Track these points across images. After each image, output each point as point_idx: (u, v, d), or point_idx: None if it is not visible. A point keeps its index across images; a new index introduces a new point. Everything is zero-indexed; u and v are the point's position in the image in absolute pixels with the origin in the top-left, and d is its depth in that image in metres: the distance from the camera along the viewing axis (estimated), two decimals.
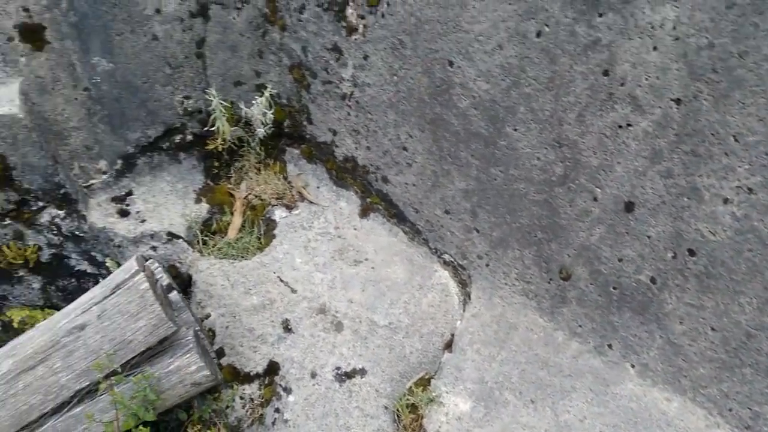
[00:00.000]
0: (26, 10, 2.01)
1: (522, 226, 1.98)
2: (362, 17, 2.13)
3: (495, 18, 1.81)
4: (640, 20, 1.55)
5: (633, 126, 1.66)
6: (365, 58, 2.20)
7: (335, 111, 2.41)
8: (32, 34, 2.05)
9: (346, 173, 2.51)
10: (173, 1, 2.21)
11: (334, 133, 2.47)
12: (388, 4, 2.04)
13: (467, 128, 2.01)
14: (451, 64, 1.97)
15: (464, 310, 2.10)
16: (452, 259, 2.22)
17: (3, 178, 2.08)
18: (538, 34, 1.75)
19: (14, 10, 1.99)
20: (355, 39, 2.19)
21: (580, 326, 1.94)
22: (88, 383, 1.66)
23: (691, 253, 1.65)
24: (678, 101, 1.56)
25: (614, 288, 1.84)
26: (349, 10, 2.15)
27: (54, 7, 2.04)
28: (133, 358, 1.69)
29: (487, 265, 2.11)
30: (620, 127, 1.68)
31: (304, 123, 2.55)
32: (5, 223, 2.17)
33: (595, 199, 1.80)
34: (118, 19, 2.16)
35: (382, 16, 2.08)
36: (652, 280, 1.75)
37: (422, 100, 2.10)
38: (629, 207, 1.74)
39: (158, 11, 2.21)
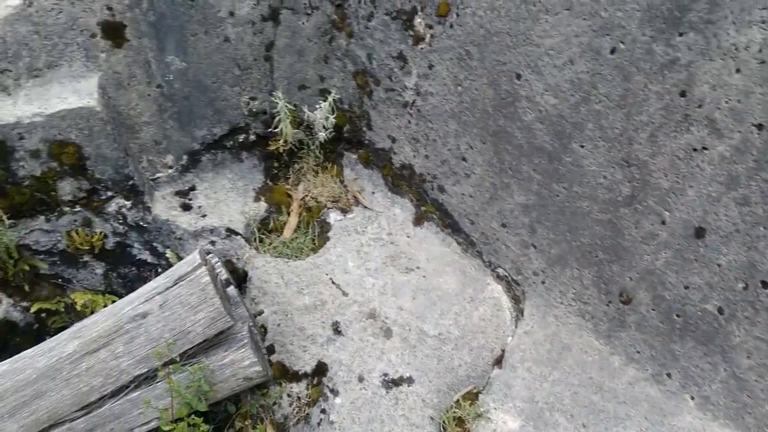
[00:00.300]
0: (110, 8, 2.11)
1: (582, 245, 1.94)
2: (430, 27, 2.14)
3: (568, 33, 1.79)
4: (723, 41, 1.50)
5: (709, 149, 1.60)
6: (430, 67, 2.20)
7: (396, 118, 2.42)
8: (113, 32, 2.15)
9: (401, 180, 2.52)
10: (247, 4, 2.28)
11: (393, 140, 2.48)
12: (458, 15, 2.04)
13: (531, 142, 1.99)
14: (518, 77, 1.95)
15: (516, 327, 2.07)
16: (506, 274, 2.19)
17: (77, 167, 2.18)
18: (613, 51, 1.71)
19: (99, 8, 2.09)
20: (421, 48, 2.20)
21: (638, 352, 1.88)
22: (146, 370, 1.71)
23: (765, 285, 1.58)
24: (760, 126, 1.50)
25: (678, 315, 1.77)
26: (418, 20, 2.16)
27: (135, 7, 2.14)
28: (190, 348, 1.74)
29: (543, 283, 2.07)
30: (695, 150, 1.62)
31: (364, 129, 2.57)
32: (76, 210, 2.27)
33: (663, 223, 1.74)
34: (193, 20, 2.24)
35: (451, 26, 2.08)
36: (720, 311, 1.68)
37: (486, 111, 2.09)
38: (699, 233, 1.67)
39: (232, 14, 2.28)
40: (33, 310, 2.35)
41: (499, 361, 2.00)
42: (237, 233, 2.41)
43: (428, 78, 2.22)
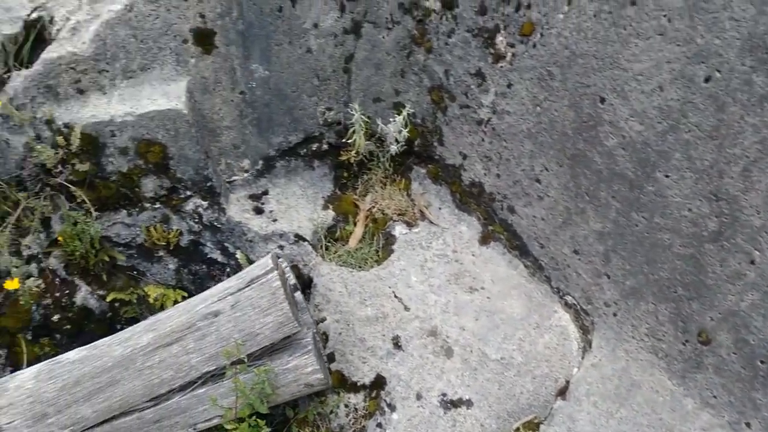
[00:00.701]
0: (202, 16, 2.20)
1: (661, 279, 1.86)
2: (512, 45, 2.12)
3: (659, 58, 1.72)
4: None
5: None
6: (509, 86, 2.18)
7: (469, 135, 2.41)
8: (204, 38, 2.24)
9: (470, 198, 2.50)
10: (331, 17, 2.33)
11: (464, 157, 2.47)
12: (542, 35, 2.01)
13: (611, 168, 1.92)
14: (602, 100, 1.90)
15: (583, 358, 2.00)
16: (575, 302, 2.13)
17: (161, 166, 2.29)
18: (707, 80, 1.64)
19: (192, 15, 2.19)
20: (501, 66, 2.18)
21: (714, 397, 1.77)
22: (214, 368, 1.76)
23: None
24: None
25: (762, 362, 1.66)
26: (499, 38, 2.15)
27: (226, 15, 2.23)
28: (257, 350, 1.78)
29: (615, 315, 2.00)
30: None
31: (435, 144, 2.57)
32: (156, 206, 2.37)
33: (752, 263, 1.64)
34: (279, 30, 2.31)
35: (534, 46, 2.05)
36: None
37: (565, 133, 2.04)
38: None
39: (316, 26, 2.33)
40: (108, 299, 2.47)
41: (563, 392, 1.93)
42: (305, 239, 2.45)
43: (506, 96, 2.20)
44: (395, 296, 2.24)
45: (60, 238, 2.27)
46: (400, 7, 2.37)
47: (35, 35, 2.17)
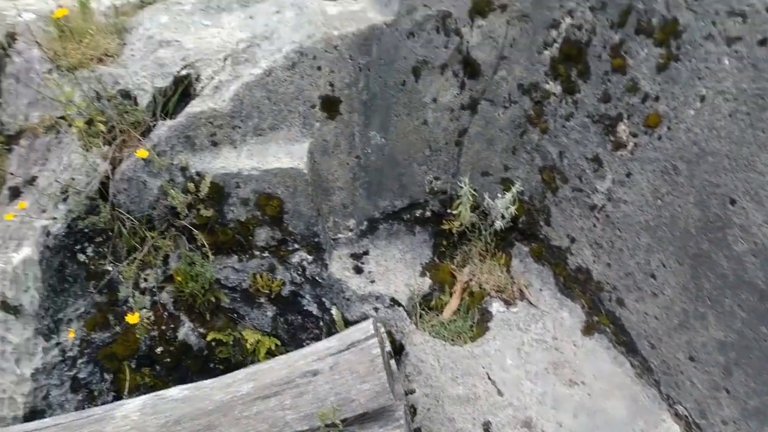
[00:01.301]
0: (332, 85, 2.34)
1: None
2: (634, 135, 2.08)
3: None
4: None
5: None
6: (628, 175, 2.12)
7: (579, 219, 2.36)
8: (330, 105, 2.38)
9: (575, 284, 2.42)
10: (450, 93, 2.40)
11: (572, 240, 2.41)
12: (669, 129, 1.96)
13: (739, 275, 1.80)
14: (732, 202, 1.80)
15: None
16: (687, 414, 1.97)
17: (276, 219, 2.41)
18: None
19: (323, 83, 2.34)
20: (621, 155, 2.14)
21: None
22: (307, 428, 1.77)
23: None
24: None
25: None
26: (622, 127, 2.12)
27: (353, 86, 2.36)
28: (350, 417, 1.78)
29: None
30: None
31: (541, 223, 2.53)
32: (265, 255, 2.49)
33: None
34: (400, 102, 2.41)
35: (659, 138, 2.00)
36: None
37: (687, 231, 1.95)
38: None
39: (435, 100, 2.41)
40: (208, 338, 2.58)
41: None
42: (400, 304, 2.47)
43: (624, 185, 2.14)
44: (489, 378, 2.17)
45: (175, 275, 2.43)
46: (519, 88, 2.41)
47: (182, 90, 2.40)
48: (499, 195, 2.48)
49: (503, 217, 2.47)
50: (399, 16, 2.25)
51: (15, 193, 2.44)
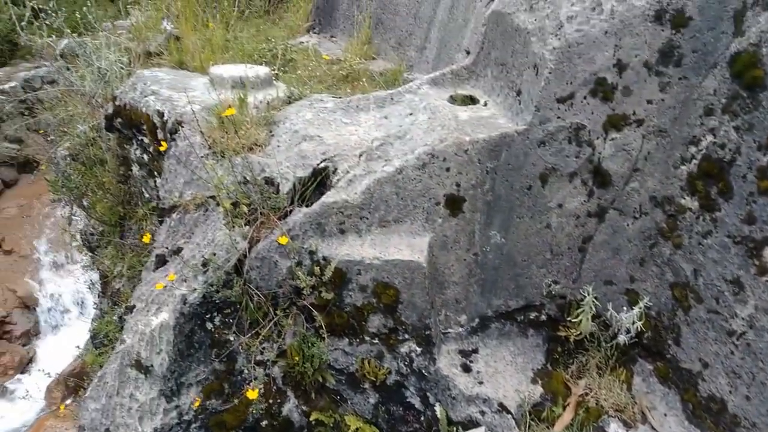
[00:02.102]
0: (458, 185, 2.43)
1: None
2: None
3: None
4: None
5: None
6: None
7: (714, 343, 2.18)
8: (453, 203, 2.46)
9: (706, 413, 2.20)
10: (578, 200, 2.40)
11: (705, 365, 2.22)
12: None
13: None
14: None
15: None
16: None
17: (390, 307, 2.46)
18: None
19: (450, 183, 2.43)
20: (766, 281, 1.99)
21: None
22: None
23: None
24: None
25: None
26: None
27: (479, 187, 2.43)
28: None
29: None
30: None
31: (669, 342, 2.37)
32: (374, 342, 2.52)
33: None
34: (524, 205, 2.43)
35: None
36: None
37: None
38: None
39: (560, 206, 2.42)
40: (311, 417, 2.62)
41: None
42: (508, 411, 2.37)
43: None
44: None
45: (290, 352, 2.52)
46: (652, 200, 2.35)
47: (319, 180, 2.60)
48: (624, 307, 2.37)
49: (628, 331, 2.34)
50: (531, 125, 2.33)
51: (161, 261, 2.72)
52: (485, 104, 2.82)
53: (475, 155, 2.39)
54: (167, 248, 2.71)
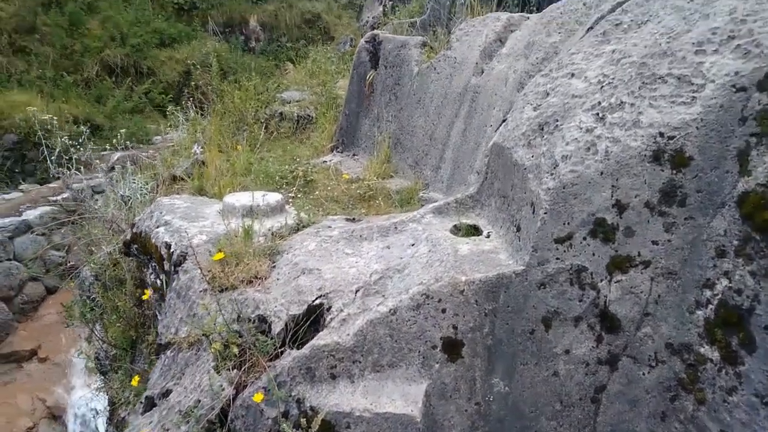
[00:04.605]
0: (455, 327, 2.28)
1: None
2: None
3: None
4: None
5: None
6: None
7: None
8: (452, 347, 2.30)
9: None
10: (586, 345, 2.20)
11: None
12: None
13: None
14: None
15: None
16: None
17: None
18: None
19: (446, 326, 2.29)
20: None
21: None
22: None
23: None
24: None
25: None
26: None
27: (477, 330, 2.27)
28: None
29: None
30: None
31: None
32: None
33: None
34: (527, 351, 2.25)
35: None
36: None
37: None
38: None
39: (567, 352, 2.22)
40: None
41: None
42: None
43: None
44: None
45: None
46: (668, 347, 2.13)
47: (313, 318, 2.50)
48: None
49: None
50: (529, 266, 2.20)
51: (150, 404, 2.61)
52: (488, 235, 2.73)
53: (472, 296, 2.26)
54: (157, 390, 2.61)
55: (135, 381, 2.62)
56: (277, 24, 20.41)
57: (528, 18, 4.38)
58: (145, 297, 2.79)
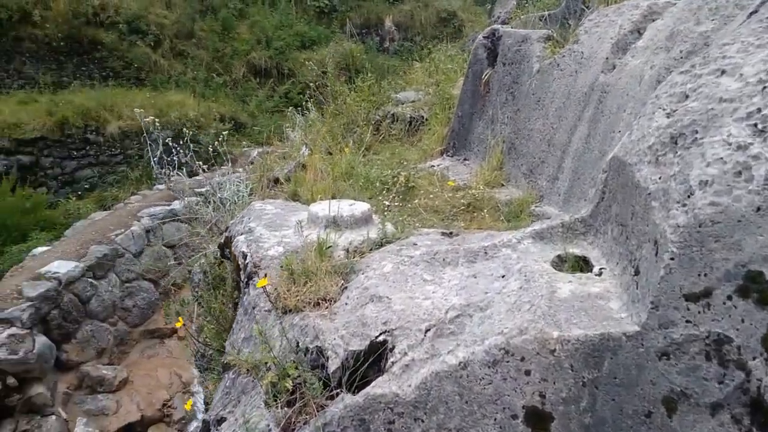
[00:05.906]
0: (542, 395, 1.79)
1: None
2: None
3: None
4: None
5: None
6: None
7: None
8: (537, 420, 1.81)
9: None
10: None
11: None
12: None
13: None
14: None
15: None
16: None
17: None
18: None
19: (530, 392, 1.80)
20: None
21: None
22: None
23: None
24: None
25: None
26: None
27: (572, 403, 1.76)
28: None
29: None
30: None
31: None
32: None
33: None
34: None
35: None
36: None
37: None
38: None
39: None
40: None
41: None
42: None
43: None
44: None
45: None
46: None
47: (374, 358, 2.15)
48: None
49: None
50: (647, 327, 1.64)
51: (206, 429, 2.44)
52: (599, 273, 2.17)
53: (566, 359, 1.75)
54: (213, 415, 2.44)
55: (188, 405, 2.46)
56: (412, 23, 20.38)
57: (674, 4, 3.61)
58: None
